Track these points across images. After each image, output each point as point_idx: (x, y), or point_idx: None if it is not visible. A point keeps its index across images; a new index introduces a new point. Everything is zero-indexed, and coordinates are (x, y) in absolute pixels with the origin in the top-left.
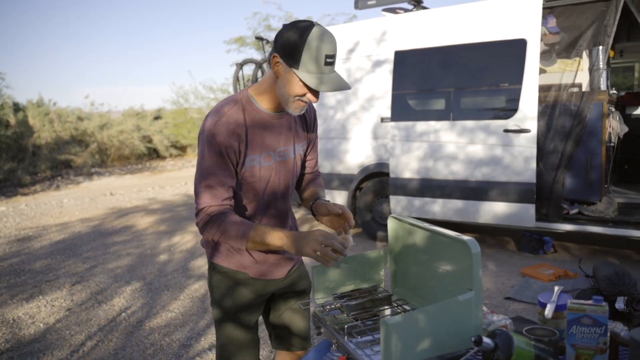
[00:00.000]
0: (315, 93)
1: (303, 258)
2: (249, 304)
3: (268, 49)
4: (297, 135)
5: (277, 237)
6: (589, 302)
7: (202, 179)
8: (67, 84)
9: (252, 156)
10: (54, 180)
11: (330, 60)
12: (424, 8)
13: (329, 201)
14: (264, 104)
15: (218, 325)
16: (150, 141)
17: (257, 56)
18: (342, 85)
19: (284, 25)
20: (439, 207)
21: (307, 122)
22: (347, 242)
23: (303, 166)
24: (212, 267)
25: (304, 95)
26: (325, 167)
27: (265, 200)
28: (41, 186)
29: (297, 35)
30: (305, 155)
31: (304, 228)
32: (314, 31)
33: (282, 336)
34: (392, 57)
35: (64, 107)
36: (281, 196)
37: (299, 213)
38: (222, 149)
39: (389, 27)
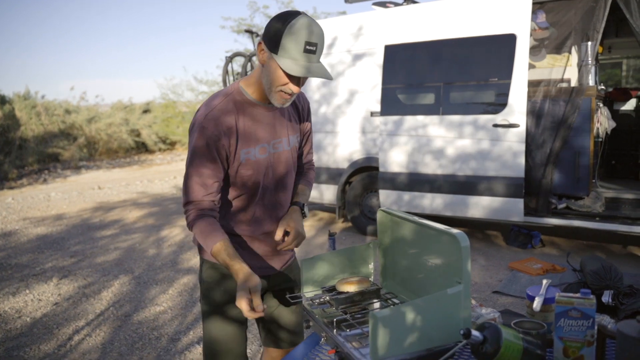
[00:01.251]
0: (296, 82)
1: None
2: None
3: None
4: (290, 127)
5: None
6: (577, 295)
7: (191, 173)
8: (55, 77)
9: (246, 149)
10: (41, 174)
11: (310, 48)
12: (414, 2)
13: (304, 211)
14: (254, 95)
15: (206, 319)
16: (138, 135)
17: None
18: (319, 73)
19: (274, 15)
20: (428, 201)
21: (300, 113)
22: (257, 307)
23: (300, 157)
24: (203, 261)
25: (285, 84)
26: (314, 160)
27: (261, 192)
28: (28, 180)
29: (281, 22)
30: (300, 147)
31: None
32: (299, 19)
33: (271, 332)
34: (382, 51)
35: (51, 100)
36: (278, 188)
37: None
38: (211, 143)
39: (379, 21)
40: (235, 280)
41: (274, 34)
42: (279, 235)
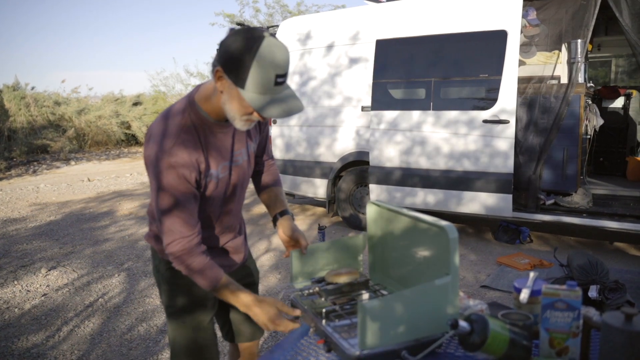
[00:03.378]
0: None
1: (278, 244)
2: (204, 296)
3: None
4: (248, 134)
5: (241, 303)
6: (563, 287)
7: (168, 214)
8: (45, 68)
9: (209, 171)
10: (30, 165)
11: (281, 80)
12: None
13: (293, 217)
14: (212, 115)
15: (169, 315)
16: (129, 127)
17: None
18: (292, 109)
19: (230, 33)
20: (418, 196)
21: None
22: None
23: (256, 160)
24: (161, 260)
25: (251, 113)
26: (305, 155)
27: (220, 206)
28: (17, 171)
29: (244, 48)
30: (258, 149)
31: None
32: (264, 45)
33: (241, 325)
34: (373, 46)
35: (41, 91)
36: (237, 197)
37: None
38: (185, 181)
39: (371, 15)
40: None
41: (238, 65)
42: (305, 245)
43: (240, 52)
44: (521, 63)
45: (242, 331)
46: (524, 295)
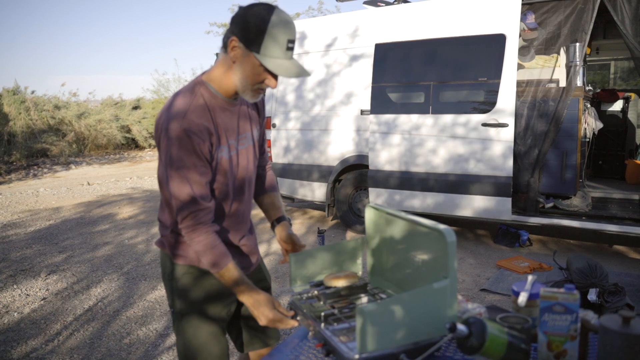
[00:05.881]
0: (275, 78)
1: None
2: (217, 294)
3: None
4: (252, 120)
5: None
6: (561, 290)
7: (182, 185)
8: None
9: (219, 147)
10: (29, 169)
11: (291, 46)
12: (406, 1)
13: (290, 223)
14: (221, 91)
15: (183, 321)
16: (128, 131)
17: None
18: (303, 72)
19: (241, 8)
20: (417, 200)
21: (258, 105)
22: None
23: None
24: (176, 266)
25: (262, 81)
26: (305, 158)
27: (235, 189)
28: (16, 175)
29: (259, 18)
30: (259, 140)
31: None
32: (276, 14)
33: (256, 330)
34: (372, 49)
35: (41, 95)
36: (246, 185)
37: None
38: (197, 148)
39: (370, 20)
40: (212, 276)
41: (254, 32)
42: (286, 258)
43: (256, 19)
44: (520, 66)
45: (254, 340)
46: (522, 298)
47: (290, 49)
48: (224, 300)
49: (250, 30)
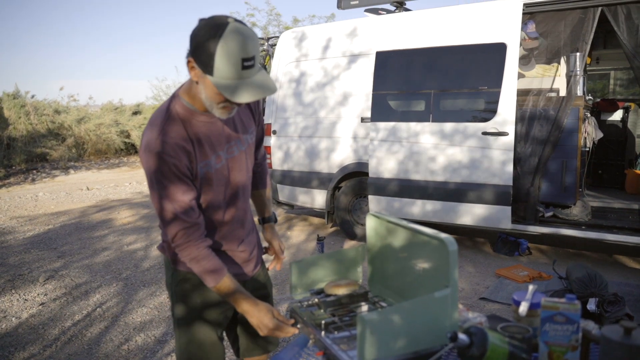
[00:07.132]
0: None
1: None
2: (215, 300)
3: None
4: (242, 126)
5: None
6: (562, 300)
7: (165, 201)
8: (46, 77)
9: (203, 162)
10: (29, 174)
11: (248, 64)
12: (406, 10)
13: (276, 219)
14: (197, 106)
15: (181, 326)
16: (128, 136)
17: None
18: (263, 91)
19: (198, 22)
20: (417, 207)
21: (252, 107)
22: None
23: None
24: (175, 271)
25: (225, 101)
26: (305, 166)
27: (228, 198)
28: (16, 179)
29: (209, 35)
30: (255, 139)
31: (292, 226)
32: (228, 31)
33: (255, 337)
34: (373, 57)
35: (41, 99)
36: (240, 192)
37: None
38: (173, 169)
39: (371, 27)
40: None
41: (205, 53)
42: (281, 258)
43: (205, 39)
44: (520, 75)
45: (253, 347)
46: (523, 308)
47: (248, 67)
48: (221, 307)
49: (201, 52)
